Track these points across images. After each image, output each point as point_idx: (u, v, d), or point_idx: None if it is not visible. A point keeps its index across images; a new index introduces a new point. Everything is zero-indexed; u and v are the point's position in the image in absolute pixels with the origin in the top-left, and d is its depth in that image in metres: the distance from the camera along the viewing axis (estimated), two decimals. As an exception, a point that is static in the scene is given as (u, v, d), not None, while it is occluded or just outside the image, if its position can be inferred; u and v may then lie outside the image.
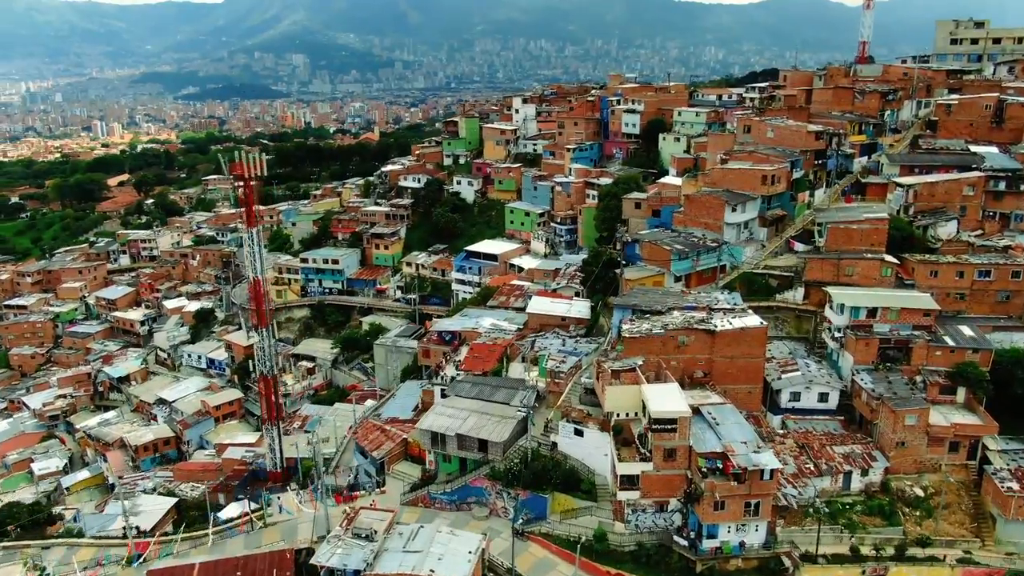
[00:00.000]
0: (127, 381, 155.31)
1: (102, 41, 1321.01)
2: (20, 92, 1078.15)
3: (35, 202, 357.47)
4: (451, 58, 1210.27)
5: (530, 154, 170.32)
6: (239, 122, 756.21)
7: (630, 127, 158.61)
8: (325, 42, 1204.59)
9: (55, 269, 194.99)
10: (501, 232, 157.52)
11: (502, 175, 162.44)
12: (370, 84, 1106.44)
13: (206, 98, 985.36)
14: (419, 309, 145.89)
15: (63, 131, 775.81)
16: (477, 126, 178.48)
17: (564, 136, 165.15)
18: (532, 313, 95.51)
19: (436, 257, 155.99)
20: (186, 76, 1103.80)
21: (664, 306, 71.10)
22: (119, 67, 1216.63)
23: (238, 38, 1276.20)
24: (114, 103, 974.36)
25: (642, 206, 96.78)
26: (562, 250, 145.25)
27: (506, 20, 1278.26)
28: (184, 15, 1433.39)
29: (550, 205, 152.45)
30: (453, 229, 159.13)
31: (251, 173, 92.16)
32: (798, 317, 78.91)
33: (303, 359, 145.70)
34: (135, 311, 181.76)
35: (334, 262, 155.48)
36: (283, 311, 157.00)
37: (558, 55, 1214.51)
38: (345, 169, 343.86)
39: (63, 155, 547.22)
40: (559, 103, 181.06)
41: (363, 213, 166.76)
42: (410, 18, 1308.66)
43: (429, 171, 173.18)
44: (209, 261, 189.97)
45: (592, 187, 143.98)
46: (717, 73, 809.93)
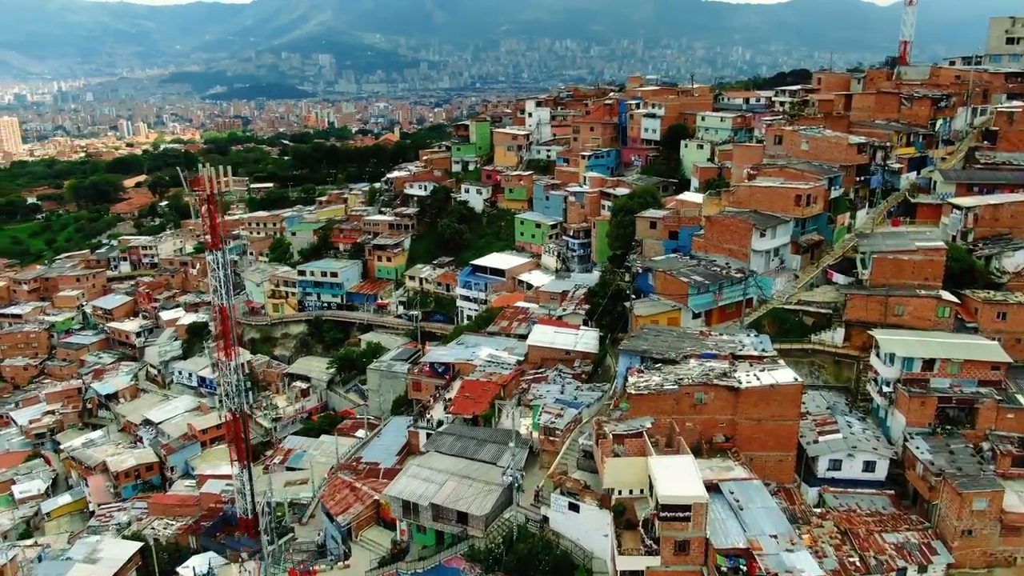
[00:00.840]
0: (115, 399, 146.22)
1: (133, 41, 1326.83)
2: (52, 91, 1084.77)
3: (52, 203, 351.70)
4: (476, 58, 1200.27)
5: (543, 161, 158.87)
6: (263, 122, 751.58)
7: (650, 133, 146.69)
8: (351, 42, 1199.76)
9: (53, 276, 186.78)
10: (510, 244, 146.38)
11: (513, 183, 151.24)
12: (395, 84, 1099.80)
13: (233, 98, 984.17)
14: (421, 327, 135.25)
15: (91, 130, 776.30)
16: (488, 131, 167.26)
17: (579, 142, 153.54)
18: (533, 346, 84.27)
19: (441, 271, 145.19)
20: (214, 76, 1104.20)
21: (679, 353, 59.47)
22: (149, 67, 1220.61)
23: (265, 38, 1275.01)
24: (143, 102, 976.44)
25: (658, 226, 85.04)
26: (574, 265, 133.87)
27: (532, 20, 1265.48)
28: (213, 15, 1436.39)
29: (563, 216, 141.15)
30: (460, 241, 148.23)
31: (214, 188, 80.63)
32: (837, 363, 66.89)
33: (298, 379, 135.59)
34: (132, 322, 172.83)
35: (333, 275, 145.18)
36: (279, 326, 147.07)
37: (583, 55, 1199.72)
38: (362, 171, 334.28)
39: (87, 155, 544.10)
40: (575, 106, 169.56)
41: (366, 222, 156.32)
42: (436, 18, 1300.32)
43: (436, 178, 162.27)
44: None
45: (608, 197, 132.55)
46: (744, 74, 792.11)
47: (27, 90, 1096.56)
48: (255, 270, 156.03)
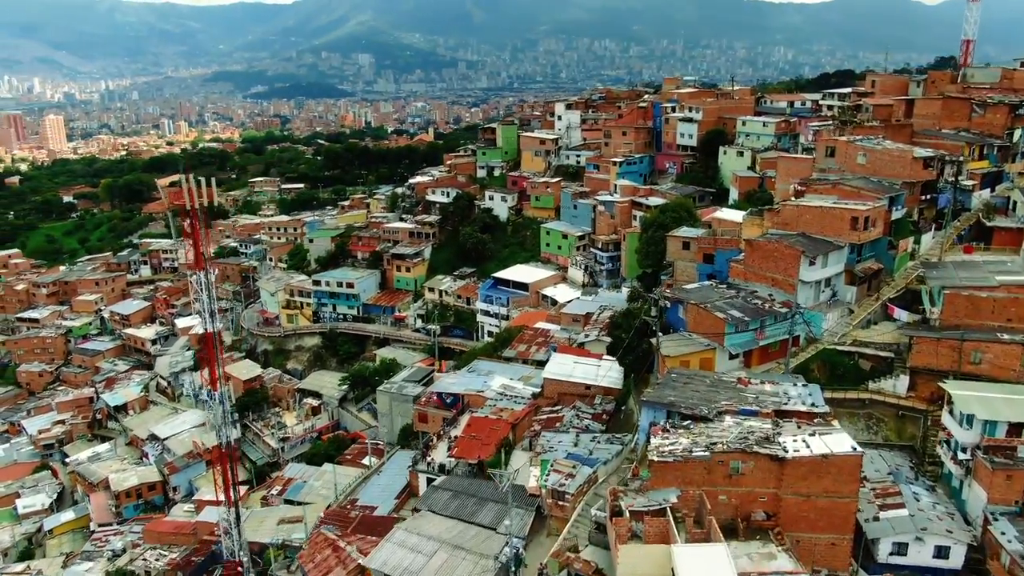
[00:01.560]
0: (124, 410, 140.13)
1: (178, 41, 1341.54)
2: (100, 90, 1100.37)
3: (88, 202, 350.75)
4: (515, 58, 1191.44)
5: (572, 167, 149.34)
6: (302, 121, 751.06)
7: (686, 138, 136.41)
8: (390, 42, 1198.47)
9: (72, 280, 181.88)
10: (536, 255, 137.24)
11: (539, 190, 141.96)
12: (433, 84, 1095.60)
13: (273, 97, 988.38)
14: (439, 343, 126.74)
15: (134, 128, 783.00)
16: (515, 134, 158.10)
17: (611, 147, 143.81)
18: (550, 379, 75.05)
19: (462, 283, 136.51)
20: (255, 75, 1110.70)
21: (711, 409, 49.79)
22: (193, 66, 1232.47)
23: (306, 38, 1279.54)
24: (186, 101, 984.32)
25: (692, 247, 75.21)
26: (603, 280, 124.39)
27: (571, 20, 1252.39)
28: (256, 16, 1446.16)
29: (591, 227, 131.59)
30: (482, 251, 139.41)
31: (197, 203, 72.67)
32: (900, 417, 56.60)
33: (309, 395, 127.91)
34: (148, 328, 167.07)
35: (349, 286, 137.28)
36: (293, 338, 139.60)
37: (622, 55, 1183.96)
38: (393, 172, 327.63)
39: (127, 153, 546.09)
40: (607, 109, 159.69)
41: (385, 230, 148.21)
42: (475, 18, 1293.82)
43: (460, 184, 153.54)
44: (228, 276, 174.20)
45: (640, 208, 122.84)
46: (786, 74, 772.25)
47: (76, 89, 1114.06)
48: (270, 279, 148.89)
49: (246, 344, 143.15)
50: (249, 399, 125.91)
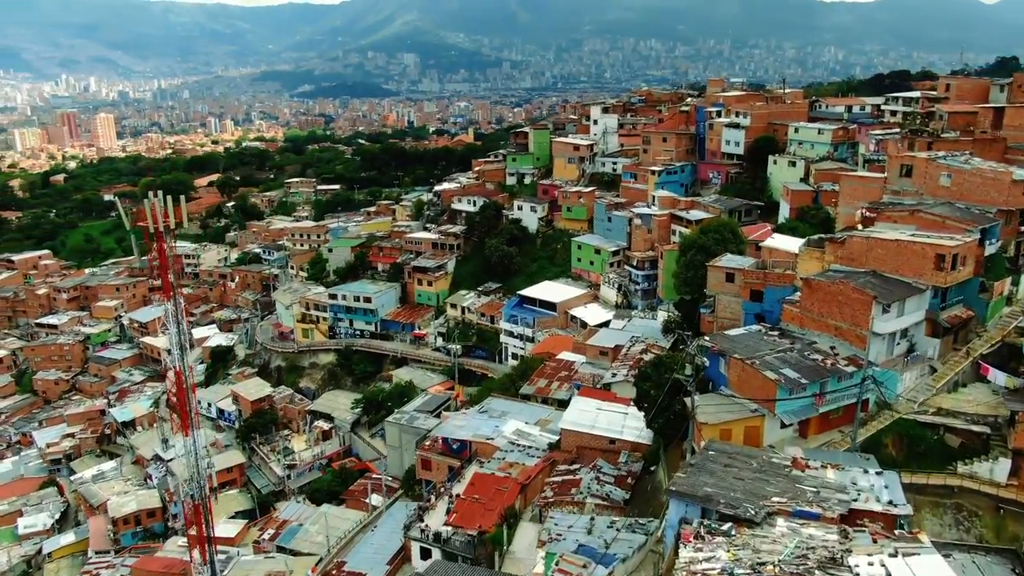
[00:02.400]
0: (133, 427, 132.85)
1: (228, 41, 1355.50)
2: (152, 89, 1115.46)
3: (127, 200, 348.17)
4: (559, 58, 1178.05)
5: (608, 175, 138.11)
6: (345, 121, 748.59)
7: (732, 146, 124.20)
8: (435, 42, 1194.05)
9: (93, 285, 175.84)
10: (566, 271, 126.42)
11: (571, 200, 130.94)
12: (477, 84, 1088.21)
13: (319, 96, 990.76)
14: (459, 364, 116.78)
15: (183, 127, 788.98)
16: (548, 139, 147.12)
17: (649, 154, 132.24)
18: (568, 431, 64.29)
19: (486, 299, 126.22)
20: (302, 74, 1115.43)
21: (759, 508, 38.54)
22: (242, 66, 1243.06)
23: (353, 38, 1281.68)
24: (234, 100, 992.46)
25: (736, 280, 63.72)
26: (637, 300, 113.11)
27: (616, 20, 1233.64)
28: (304, 16, 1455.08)
29: (626, 241, 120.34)
30: (509, 265, 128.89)
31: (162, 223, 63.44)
32: (1000, 511, 44.68)
33: (321, 417, 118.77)
34: (165, 337, 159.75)
35: (366, 300, 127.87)
36: (307, 355, 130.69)
37: (668, 55, 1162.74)
38: (430, 174, 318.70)
39: (173, 151, 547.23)
40: (647, 113, 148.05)
41: (407, 240, 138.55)
42: (519, 18, 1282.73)
43: (487, 192, 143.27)
44: (248, 283, 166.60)
45: (680, 222, 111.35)
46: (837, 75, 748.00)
47: (130, 88, 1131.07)
48: (286, 290, 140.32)
49: (259, 359, 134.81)
50: (257, 421, 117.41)
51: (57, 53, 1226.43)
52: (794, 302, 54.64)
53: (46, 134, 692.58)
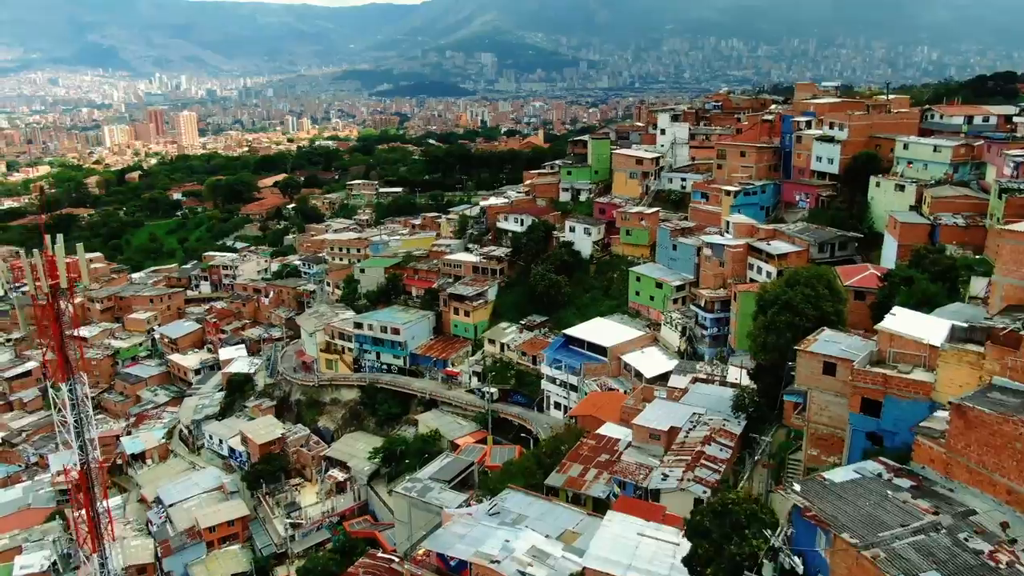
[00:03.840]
0: (143, 459, 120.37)
1: (312, 41, 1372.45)
2: (239, 87, 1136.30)
3: (194, 200, 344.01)
4: (637, 58, 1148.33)
5: (675, 193, 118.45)
6: (420, 120, 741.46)
7: (824, 163, 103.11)
8: (513, 41, 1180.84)
9: (127, 296, 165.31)
10: (622, 305, 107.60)
11: (631, 223, 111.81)
12: (554, 83, 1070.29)
13: (397, 95, 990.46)
14: (494, 411, 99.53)
15: (262, 125, 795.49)
16: (608, 151, 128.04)
17: (725, 171, 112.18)
18: (596, 572, 46.04)
19: (529, 335, 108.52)
20: (382, 74, 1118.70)
21: None
22: (325, 65, 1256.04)
23: (433, 37, 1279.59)
24: (315, 98, 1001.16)
25: (839, 372, 44.32)
26: (704, 347, 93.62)
27: (698, 19, 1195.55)
28: (386, 15, 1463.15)
29: (694, 275, 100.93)
30: (556, 296, 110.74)
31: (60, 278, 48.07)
32: None
33: (337, 464, 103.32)
34: (192, 356, 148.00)
35: (394, 331, 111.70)
36: (328, 389, 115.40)
37: (750, 55, 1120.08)
38: (495, 178, 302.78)
39: (248, 149, 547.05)
40: (723, 122, 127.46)
41: (446, 262, 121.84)
42: (598, 17, 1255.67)
43: (537, 209, 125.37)
44: (283, 300, 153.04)
45: (758, 255, 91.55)
46: (930, 76, 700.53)
47: (218, 86, 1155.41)
48: (312, 314, 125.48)
49: (280, 390, 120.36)
50: (264, 468, 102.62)
51: (152, 52, 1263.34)
52: (934, 435, 35.09)
53: (133, 131, 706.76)
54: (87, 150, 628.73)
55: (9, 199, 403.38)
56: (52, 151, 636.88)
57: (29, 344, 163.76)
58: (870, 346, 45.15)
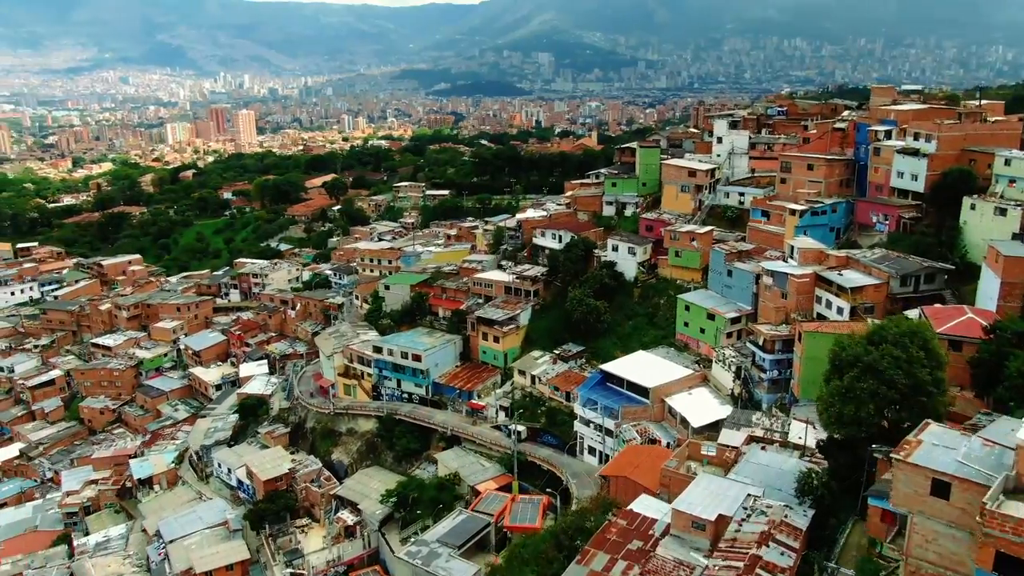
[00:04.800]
0: (151, 485, 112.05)
1: (372, 40, 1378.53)
2: (300, 86, 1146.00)
3: (242, 199, 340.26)
4: (696, 57, 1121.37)
5: (732, 210, 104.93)
6: (475, 120, 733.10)
7: (907, 179, 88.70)
8: (571, 41, 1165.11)
9: (154, 303, 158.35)
10: (669, 336, 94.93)
11: (682, 242, 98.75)
12: (611, 83, 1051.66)
13: (453, 94, 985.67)
14: (521, 453, 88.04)
15: (320, 124, 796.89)
16: (657, 161, 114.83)
17: (789, 185, 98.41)
18: None
19: (563, 367, 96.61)
20: (439, 73, 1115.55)
21: None
22: (384, 64, 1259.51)
23: (491, 37, 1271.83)
24: (373, 97, 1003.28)
25: (954, 496, 31.49)
26: (761, 393, 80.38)
27: (759, 18, 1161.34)
28: (445, 15, 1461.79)
29: (751, 305, 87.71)
30: (596, 323, 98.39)
31: None
32: None
33: (347, 505, 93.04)
34: (214, 370, 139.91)
35: (415, 358, 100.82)
36: (344, 418, 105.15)
37: (814, 55, 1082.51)
38: (544, 181, 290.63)
39: (303, 148, 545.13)
40: (788, 129, 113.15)
41: (476, 281, 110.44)
42: (658, 16, 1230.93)
43: (577, 225, 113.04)
44: (309, 313, 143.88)
45: (827, 286, 78.34)
46: (1005, 77, 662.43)
47: (280, 85, 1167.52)
48: (332, 334, 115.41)
49: (295, 415, 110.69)
50: (269, 507, 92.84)
51: (218, 52, 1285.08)
52: None
53: (195, 128, 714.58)
54: (150, 147, 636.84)
55: (69, 196, 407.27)
56: (117, 148, 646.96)
57: (56, 351, 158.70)
58: (1000, 459, 32.11)
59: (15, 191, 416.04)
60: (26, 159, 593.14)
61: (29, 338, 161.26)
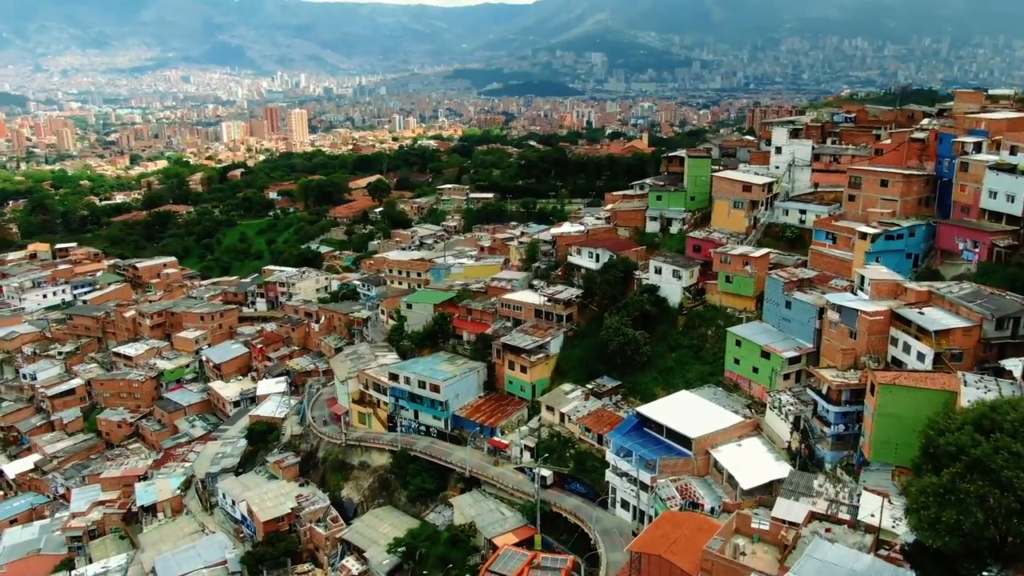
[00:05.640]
0: (154, 512, 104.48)
1: (426, 40, 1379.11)
2: (354, 86, 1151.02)
3: (287, 200, 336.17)
4: (753, 57, 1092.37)
5: (791, 230, 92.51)
6: (525, 120, 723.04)
7: (1001, 200, 75.35)
8: (625, 41, 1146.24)
9: (178, 311, 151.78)
10: (716, 372, 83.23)
11: (733, 266, 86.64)
12: (665, 84, 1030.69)
13: (505, 94, 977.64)
14: (545, 503, 77.54)
15: (371, 123, 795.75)
16: (708, 173, 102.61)
17: (859, 204, 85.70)
18: None
19: (596, 404, 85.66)
20: (492, 73, 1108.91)
21: None
22: (437, 64, 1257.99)
23: (544, 36, 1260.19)
24: (425, 97, 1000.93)
25: None
26: (824, 450, 68.36)
27: (819, 17, 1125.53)
28: (498, 15, 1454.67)
29: (813, 342, 75.59)
30: (634, 355, 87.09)
31: None
32: None
33: (354, 550, 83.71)
34: (232, 386, 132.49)
35: (433, 388, 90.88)
36: (358, 451, 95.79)
37: (876, 55, 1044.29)
38: (591, 185, 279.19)
39: (353, 147, 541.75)
40: (858, 139, 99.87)
41: (504, 302, 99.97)
42: (714, 16, 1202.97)
43: (617, 243, 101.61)
44: (333, 327, 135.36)
45: (905, 325, 66.04)
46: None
47: (335, 84, 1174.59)
48: (348, 356, 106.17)
49: (307, 443, 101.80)
50: (268, 551, 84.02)
51: (276, 51, 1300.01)
52: None
53: (249, 127, 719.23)
54: (205, 146, 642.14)
55: (121, 193, 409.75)
56: (174, 146, 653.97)
57: (80, 357, 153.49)
58: None
59: (71, 188, 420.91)
60: (87, 156, 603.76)
61: (55, 343, 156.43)
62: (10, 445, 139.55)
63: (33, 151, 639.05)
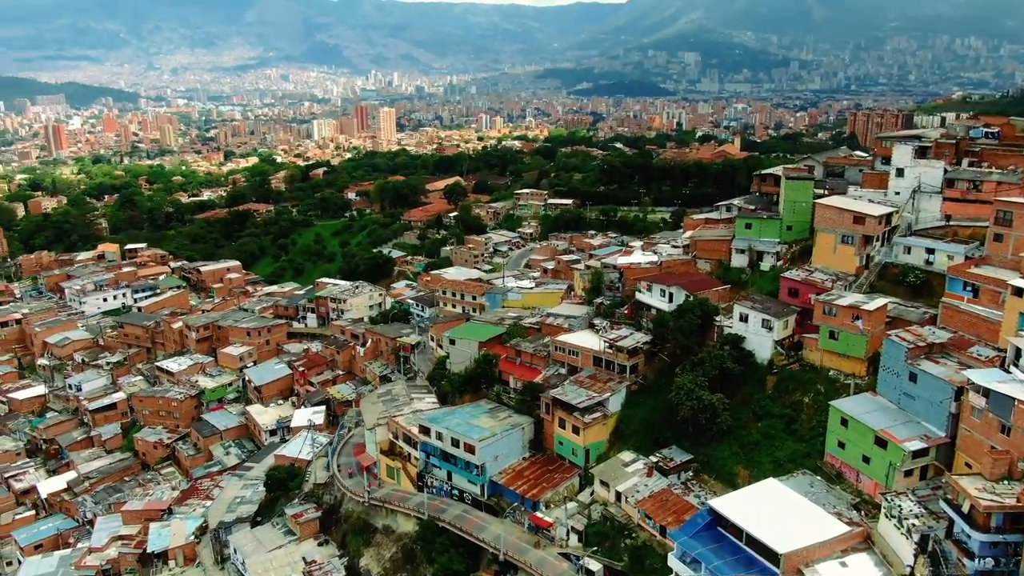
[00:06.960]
0: (165, 560, 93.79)
1: (518, 40, 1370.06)
2: (445, 84, 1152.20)
3: (364, 201, 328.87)
4: (855, 57, 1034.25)
5: (916, 274, 73.17)
6: (614, 121, 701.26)
7: None
8: (719, 40, 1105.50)
9: (225, 325, 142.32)
10: (814, 454, 65.35)
11: (840, 320, 68.22)
12: (760, 84, 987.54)
13: (594, 94, 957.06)
14: (590, 610, 61.57)
15: (460, 122, 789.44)
16: (809, 198, 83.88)
17: (1008, 244, 65.98)
18: None
19: (661, 483, 69.07)
20: (582, 72, 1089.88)
21: None
22: (528, 63, 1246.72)
23: (636, 36, 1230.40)
24: (515, 96, 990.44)
25: None
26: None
27: (929, 16, 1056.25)
28: (590, 15, 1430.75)
29: (946, 430, 57.22)
30: (710, 424, 70.03)
31: None
32: None
33: (367, 639, 69.92)
34: (269, 411, 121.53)
35: (468, 449, 76.13)
36: (381, 512, 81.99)
37: (990, 55, 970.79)
38: (677, 193, 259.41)
39: (438, 147, 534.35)
40: (1004, 161, 79.28)
41: (558, 345, 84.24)
42: (814, 14, 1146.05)
43: (695, 279, 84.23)
44: (380, 351, 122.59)
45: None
46: None
47: (426, 83, 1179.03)
48: (381, 397, 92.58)
49: (331, 495, 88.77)
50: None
51: (371, 51, 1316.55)
52: None
53: (339, 125, 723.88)
54: (296, 143, 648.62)
55: (209, 190, 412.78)
56: (268, 143, 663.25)
57: (127, 368, 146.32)
58: None
59: (163, 184, 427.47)
60: (186, 151, 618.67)
61: (105, 352, 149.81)
62: (50, 459, 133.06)
63: (138, 146, 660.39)
